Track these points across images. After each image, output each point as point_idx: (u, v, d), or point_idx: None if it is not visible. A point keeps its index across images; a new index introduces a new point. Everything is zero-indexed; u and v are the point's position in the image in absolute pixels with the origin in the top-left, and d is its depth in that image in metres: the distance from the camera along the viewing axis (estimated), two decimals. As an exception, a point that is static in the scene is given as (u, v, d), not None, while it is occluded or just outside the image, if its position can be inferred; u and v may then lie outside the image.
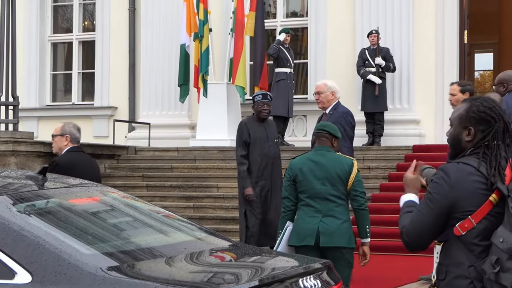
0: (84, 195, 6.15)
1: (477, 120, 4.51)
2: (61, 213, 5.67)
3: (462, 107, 4.61)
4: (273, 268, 5.38)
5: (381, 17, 17.41)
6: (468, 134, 4.56)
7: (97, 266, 4.76)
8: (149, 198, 15.83)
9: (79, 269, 4.72)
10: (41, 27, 21.02)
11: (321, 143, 7.54)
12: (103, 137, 19.66)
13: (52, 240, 4.95)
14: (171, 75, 18.78)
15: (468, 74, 17.85)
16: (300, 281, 5.07)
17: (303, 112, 17.83)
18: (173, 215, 6.45)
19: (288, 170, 7.51)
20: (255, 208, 10.41)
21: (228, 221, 14.46)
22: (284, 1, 19.30)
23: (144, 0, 19.48)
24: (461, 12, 17.48)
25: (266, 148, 10.40)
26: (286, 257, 5.95)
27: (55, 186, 6.16)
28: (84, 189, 6.32)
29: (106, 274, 4.71)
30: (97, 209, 6.03)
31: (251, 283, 4.82)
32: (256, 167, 10.43)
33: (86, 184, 6.48)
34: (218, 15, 18.54)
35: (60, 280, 4.70)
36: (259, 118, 10.52)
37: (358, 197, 7.48)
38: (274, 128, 10.67)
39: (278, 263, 5.64)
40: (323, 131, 7.55)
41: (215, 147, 17.30)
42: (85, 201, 6.04)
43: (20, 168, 15.24)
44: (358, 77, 17.00)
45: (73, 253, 4.86)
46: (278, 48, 17.23)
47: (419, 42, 17.34)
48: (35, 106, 20.75)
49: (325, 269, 5.51)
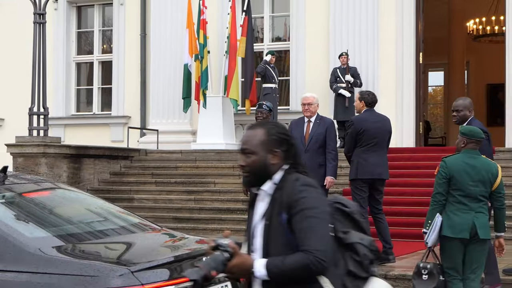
0: (37, 189, 6.28)
1: (279, 142, 3.90)
2: (14, 204, 5.93)
3: (258, 133, 3.91)
4: (186, 248, 5.57)
5: (350, 41, 17.43)
6: (274, 157, 3.90)
7: (37, 247, 5.00)
8: (157, 192, 15.85)
9: (21, 250, 4.97)
10: (67, 50, 20.99)
11: (471, 147, 7.34)
12: (119, 141, 19.62)
13: (3, 226, 5.21)
14: (175, 89, 18.77)
15: (423, 89, 17.86)
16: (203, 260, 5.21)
17: (285, 120, 17.76)
18: (116, 207, 6.55)
19: (444, 168, 7.29)
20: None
21: (224, 211, 14.46)
22: (270, 28, 19.31)
23: (153, 27, 19.50)
24: (417, 37, 17.51)
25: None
26: (196, 239, 6.07)
27: (13, 182, 6.31)
28: (38, 184, 6.45)
29: (43, 254, 4.94)
30: (47, 201, 6.21)
31: (168, 259, 5.11)
32: None
33: (40, 180, 6.62)
34: (215, 40, 18.54)
35: (5, 258, 4.96)
36: None
37: (501, 197, 7.37)
38: None
39: (191, 244, 5.76)
40: (474, 137, 7.37)
41: (213, 149, 17.30)
42: (37, 194, 6.22)
43: (49, 167, 15.23)
44: (331, 91, 17.01)
45: (18, 236, 5.11)
46: (265, 67, 17.24)
47: (382, 62, 17.36)
48: (62, 116, 20.70)
49: None
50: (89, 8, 21.32)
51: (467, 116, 8.47)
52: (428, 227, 7.26)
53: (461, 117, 8.48)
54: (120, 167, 17.23)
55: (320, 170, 9.76)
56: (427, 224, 7.29)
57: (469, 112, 8.50)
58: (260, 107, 10.47)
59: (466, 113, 8.49)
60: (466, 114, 8.48)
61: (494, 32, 23.84)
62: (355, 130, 9.69)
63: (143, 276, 4.78)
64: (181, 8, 18.80)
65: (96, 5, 21.06)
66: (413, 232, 12.40)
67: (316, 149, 9.81)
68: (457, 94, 25.12)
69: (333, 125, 10.10)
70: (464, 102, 8.63)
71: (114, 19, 20.50)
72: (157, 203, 15.38)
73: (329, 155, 9.81)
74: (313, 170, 9.72)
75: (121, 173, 17.03)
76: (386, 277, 8.76)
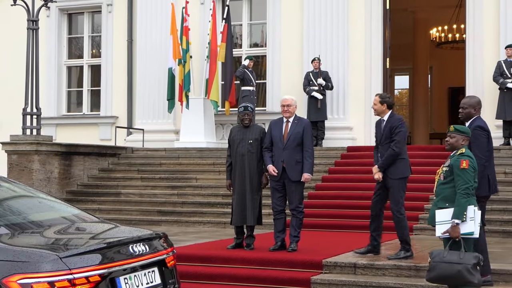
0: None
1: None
2: None
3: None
4: (116, 236, 5.65)
5: (322, 47, 17.45)
6: None
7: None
8: (142, 187, 15.82)
9: None
10: (59, 54, 20.89)
11: (466, 144, 7.32)
12: (107, 140, 19.56)
13: None
14: (160, 91, 18.74)
15: (389, 92, 17.90)
16: (130, 247, 5.35)
17: (262, 120, 17.80)
18: (58, 200, 6.63)
19: (472, 163, 7.16)
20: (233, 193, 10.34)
21: (205, 205, 14.44)
22: (248, 35, 19.30)
23: (139, 33, 19.44)
24: (384, 44, 17.56)
25: (239, 148, 10.27)
26: (127, 228, 6.15)
27: None
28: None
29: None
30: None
31: (98, 246, 5.18)
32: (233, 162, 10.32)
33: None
34: (197, 45, 18.51)
35: None
36: (243, 124, 10.40)
37: None
38: (254, 132, 10.44)
39: (121, 233, 5.82)
40: (469, 135, 7.37)
41: (195, 147, 17.29)
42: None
43: (41, 164, 15.16)
44: (304, 93, 17.03)
45: None
46: (244, 71, 17.22)
47: (352, 67, 17.40)
48: (54, 116, 20.60)
49: (157, 238, 5.81)
50: (79, 15, 21.22)
51: (472, 113, 8.33)
52: (464, 218, 7.00)
53: (466, 114, 8.36)
54: (108, 164, 17.18)
55: (298, 166, 9.75)
56: (461, 215, 7.01)
57: (474, 110, 8.34)
58: (246, 109, 10.38)
59: (471, 111, 8.35)
60: (471, 112, 8.35)
61: (455, 39, 23.98)
62: (406, 129, 9.42)
63: (71, 262, 4.86)
64: (165, 16, 18.77)
65: (86, 12, 20.97)
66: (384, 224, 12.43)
67: (294, 147, 9.80)
68: (421, 96, 25.32)
69: (309, 125, 10.08)
70: (470, 100, 8.46)
71: (103, 25, 20.44)
72: (143, 197, 15.33)
73: (306, 153, 9.80)
74: (291, 166, 9.74)
75: (109, 170, 16.98)
76: (355, 265, 8.78)
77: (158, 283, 5.62)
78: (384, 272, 8.63)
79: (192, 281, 9.11)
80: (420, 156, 15.39)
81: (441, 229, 7.15)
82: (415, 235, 11.93)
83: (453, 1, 21.87)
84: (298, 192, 9.82)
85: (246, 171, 10.14)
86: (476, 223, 7.10)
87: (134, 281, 5.33)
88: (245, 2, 19.06)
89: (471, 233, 7.09)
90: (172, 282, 5.82)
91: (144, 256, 5.46)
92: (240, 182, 10.17)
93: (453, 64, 23.95)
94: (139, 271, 5.40)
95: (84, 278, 4.89)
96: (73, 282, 4.82)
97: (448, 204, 7.15)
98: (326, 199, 13.81)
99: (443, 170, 7.32)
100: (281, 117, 10.05)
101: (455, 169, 7.13)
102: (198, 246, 10.66)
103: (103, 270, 5.03)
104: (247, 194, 10.10)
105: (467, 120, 8.34)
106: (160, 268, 5.68)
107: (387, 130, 9.20)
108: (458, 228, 7.01)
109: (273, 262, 9.24)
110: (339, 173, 14.99)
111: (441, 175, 7.32)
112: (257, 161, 10.14)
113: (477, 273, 6.99)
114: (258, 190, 10.18)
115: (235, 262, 9.43)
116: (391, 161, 9.12)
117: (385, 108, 9.37)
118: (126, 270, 5.27)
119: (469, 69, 16.74)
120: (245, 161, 10.14)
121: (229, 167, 10.33)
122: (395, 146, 9.07)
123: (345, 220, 12.82)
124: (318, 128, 16.81)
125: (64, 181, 15.79)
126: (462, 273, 6.93)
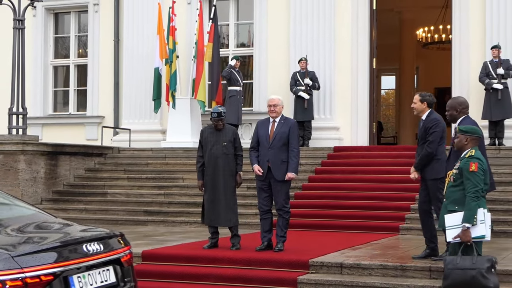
0: None
1: None
2: None
3: None
4: (71, 235, 5.68)
5: (309, 47, 17.46)
6: None
7: None
8: (129, 187, 15.77)
9: None
10: (45, 54, 20.81)
11: (475, 144, 7.29)
12: (94, 139, 19.51)
13: None
14: (147, 91, 18.70)
15: (376, 92, 17.95)
16: (84, 246, 5.41)
17: (249, 120, 17.83)
18: (15, 199, 6.67)
19: (482, 165, 7.11)
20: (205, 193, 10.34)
21: (191, 205, 14.41)
22: (235, 35, 19.28)
23: (126, 33, 19.39)
24: (371, 44, 17.59)
25: (214, 149, 10.28)
26: (83, 227, 6.14)
27: None
28: None
29: None
30: None
31: (55, 244, 5.24)
32: (206, 163, 10.32)
33: None
34: (183, 45, 18.48)
35: None
36: (216, 128, 10.40)
37: None
38: (226, 134, 10.48)
39: (76, 232, 5.84)
40: (475, 135, 7.34)
41: (181, 147, 17.27)
42: None
43: (27, 164, 15.09)
44: (291, 93, 17.03)
45: None
46: (230, 71, 17.20)
47: (339, 67, 17.42)
48: (40, 115, 20.51)
49: (113, 237, 5.87)
50: (66, 14, 21.15)
51: (455, 115, 8.30)
52: (475, 222, 6.94)
53: (450, 116, 8.35)
54: (94, 163, 17.13)
55: (283, 166, 9.75)
56: (471, 219, 6.94)
57: (456, 112, 8.30)
58: (220, 115, 10.33)
59: (453, 113, 8.32)
60: (453, 113, 8.32)
61: (441, 40, 24.05)
62: (442, 129, 9.25)
63: (23, 260, 4.90)
64: (152, 16, 18.73)
65: (72, 12, 20.91)
66: (367, 224, 12.47)
67: (280, 146, 9.79)
68: (407, 97, 25.36)
69: (296, 125, 10.06)
70: (452, 102, 8.44)
71: (89, 25, 20.38)
72: (129, 197, 15.29)
73: (291, 152, 9.79)
74: (276, 166, 9.73)
75: (96, 170, 16.92)
76: (342, 265, 8.78)
77: (113, 281, 5.67)
78: (370, 272, 8.63)
79: (178, 281, 9.10)
80: (407, 156, 15.41)
81: (451, 234, 7.11)
82: (401, 235, 11.95)
83: (439, 2, 21.93)
84: (284, 192, 9.81)
85: (220, 173, 10.16)
86: (487, 226, 7.06)
87: (88, 280, 5.37)
88: (232, 2, 19.05)
89: (483, 236, 7.05)
90: (128, 281, 5.86)
91: (99, 255, 5.51)
92: (213, 183, 10.18)
93: (439, 64, 24.02)
94: (93, 270, 5.45)
95: (37, 277, 4.93)
96: (25, 281, 4.85)
97: (457, 207, 7.12)
98: (312, 199, 13.81)
99: (453, 172, 7.29)
100: (268, 117, 10.05)
101: (465, 172, 7.09)
102: (185, 246, 10.64)
103: (56, 269, 5.07)
104: (221, 195, 10.12)
105: (454, 121, 8.33)
106: (115, 267, 5.73)
107: (423, 130, 9.03)
108: (469, 232, 6.97)
109: (259, 262, 9.23)
110: (326, 173, 15.00)
111: (451, 177, 7.28)
112: (231, 162, 10.18)
113: (492, 276, 6.96)
114: (233, 191, 10.21)
115: (221, 262, 9.42)
116: (426, 161, 8.96)
117: (425, 106, 9.13)
118: (80, 268, 5.31)
119: (455, 70, 16.79)
120: (219, 163, 10.17)
121: (201, 167, 10.34)
122: (428, 147, 8.92)
123: (332, 220, 12.83)
124: (305, 128, 16.81)
125: (50, 181, 15.73)
126: (476, 279, 6.90)
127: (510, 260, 8.90)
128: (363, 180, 14.36)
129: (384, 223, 12.41)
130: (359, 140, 17.33)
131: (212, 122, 10.45)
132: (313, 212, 13.22)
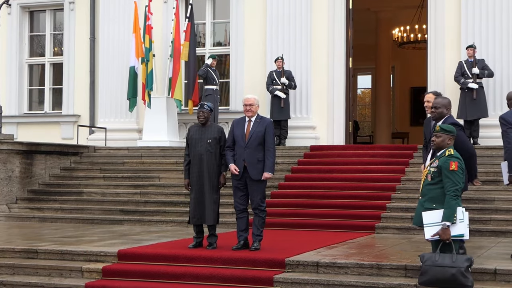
0: None
1: None
2: None
3: None
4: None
5: (285, 47, 17.49)
6: None
7: None
8: (105, 186, 15.70)
9: None
10: (20, 52, 20.68)
11: (451, 144, 7.33)
12: (69, 138, 19.42)
13: None
14: (123, 90, 18.63)
15: (352, 91, 18.01)
16: None
17: (226, 119, 17.82)
18: None
19: (462, 164, 7.14)
20: (191, 192, 10.32)
21: (167, 204, 14.38)
22: (211, 34, 19.27)
23: (102, 31, 19.32)
24: (347, 44, 17.65)
25: (198, 147, 10.26)
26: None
27: None
28: None
29: None
30: None
31: None
32: (192, 161, 10.30)
33: None
34: (160, 44, 18.46)
35: None
36: (199, 122, 10.38)
37: None
38: (212, 131, 10.41)
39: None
40: (454, 134, 7.37)
41: (157, 146, 17.23)
42: None
43: (2, 163, 14.99)
44: (268, 92, 17.05)
45: None
46: (207, 70, 17.19)
47: (315, 66, 17.46)
48: (15, 114, 20.39)
49: None
50: (41, 13, 21.03)
51: (444, 113, 8.40)
52: (454, 220, 7.00)
53: (439, 114, 8.39)
54: (70, 162, 17.05)
55: (259, 165, 9.76)
56: (451, 217, 7.01)
57: (446, 110, 8.41)
58: (202, 107, 10.39)
59: (443, 111, 8.40)
60: (443, 111, 8.41)
61: (417, 39, 24.15)
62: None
63: None
64: (128, 14, 18.69)
65: (47, 10, 20.80)
66: (343, 223, 12.51)
67: (256, 146, 9.79)
68: (383, 96, 25.47)
69: (271, 125, 10.07)
70: (443, 100, 8.52)
71: (65, 23, 20.29)
72: (105, 196, 15.23)
73: (267, 152, 9.80)
74: (252, 165, 9.73)
75: (71, 169, 16.85)
76: (318, 264, 8.81)
77: None
78: (346, 270, 8.66)
79: (155, 280, 9.07)
80: (382, 155, 15.49)
81: (430, 232, 7.14)
82: (377, 233, 12.00)
83: (415, 2, 22.04)
84: (260, 191, 9.82)
85: (205, 171, 10.13)
86: (466, 225, 7.11)
87: None
88: (209, 1, 19.03)
89: (462, 235, 7.11)
90: None
91: None
92: (198, 181, 10.16)
93: (415, 64, 24.17)
94: None
95: None
96: None
97: (435, 205, 7.17)
98: (289, 198, 13.83)
99: (430, 170, 7.31)
100: (244, 116, 10.05)
101: (444, 171, 7.14)
102: (161, 245, 10.62)
103: None
104: (206, 194, 10.10)
105: (439, 119, 8.41)
106: None
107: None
108: (448, 231, 7.02)
109: (236, 261, 9.23)
110: (302, 172, 15.02)
111: (428, 175, 7.31)
112: (216, 160, 10.14)
113: (470, 275, 7.02)
114: (217, 189, 10.19)
115: (198, 261, 9.41)
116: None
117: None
118: None
119: (431, 69, 16.89)
120: (203, 160, 10.14)
121: (187, 166, 10.32)
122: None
123: (308, 219, 12.85)
124: (281, 127, 16.84)
125: (25, 180, 15.63)
126: (456, 277, 6.95)
127: (484, 259, 8.96)
128: (339, 179, 14.39)
129: (360, 222, 12.45)
130: (336, 139, 17.38)
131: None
132: (290, 211, 13.24)
